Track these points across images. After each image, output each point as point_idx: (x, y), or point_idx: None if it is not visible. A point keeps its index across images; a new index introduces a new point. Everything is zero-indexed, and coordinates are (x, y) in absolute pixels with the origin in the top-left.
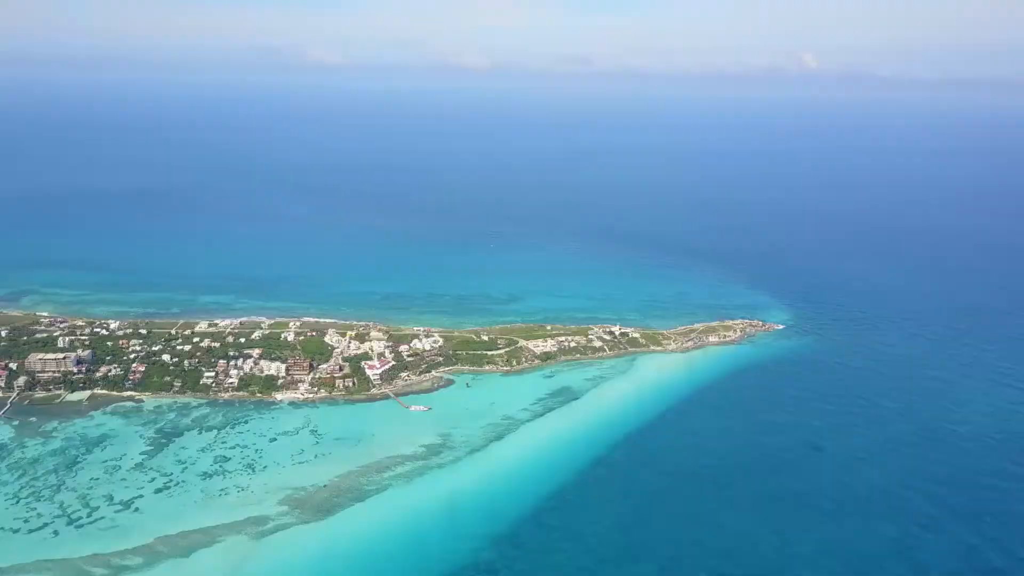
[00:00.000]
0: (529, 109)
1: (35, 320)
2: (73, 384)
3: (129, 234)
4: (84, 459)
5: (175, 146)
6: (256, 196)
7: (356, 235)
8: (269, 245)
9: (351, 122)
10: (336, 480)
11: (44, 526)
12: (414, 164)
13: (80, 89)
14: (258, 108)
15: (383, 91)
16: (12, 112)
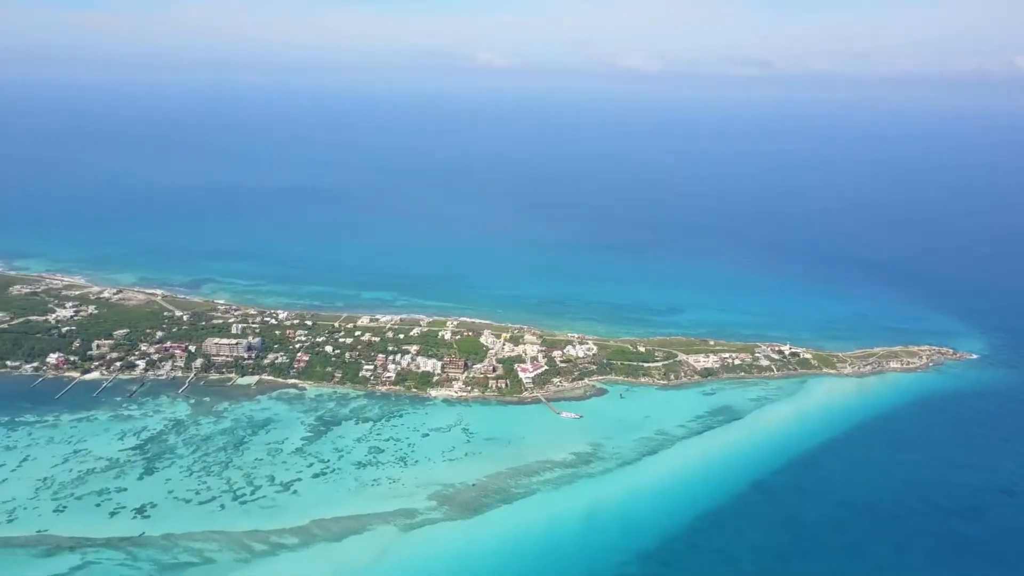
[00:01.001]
0: (702, 115)
1: (213, 307)
2: (243, 369)
3: (300, 230)
4: (250, 440)
5: (341, 147)
6: (418, 197)
7: (514, 238)
8: (429, 245)
9: (514, 125)
10: (484, 480)
11: (212, 499)
12: (575, 168)
13: (258, 92)
14: (422, 111)
15: (548, 94)
16: (195, 112)
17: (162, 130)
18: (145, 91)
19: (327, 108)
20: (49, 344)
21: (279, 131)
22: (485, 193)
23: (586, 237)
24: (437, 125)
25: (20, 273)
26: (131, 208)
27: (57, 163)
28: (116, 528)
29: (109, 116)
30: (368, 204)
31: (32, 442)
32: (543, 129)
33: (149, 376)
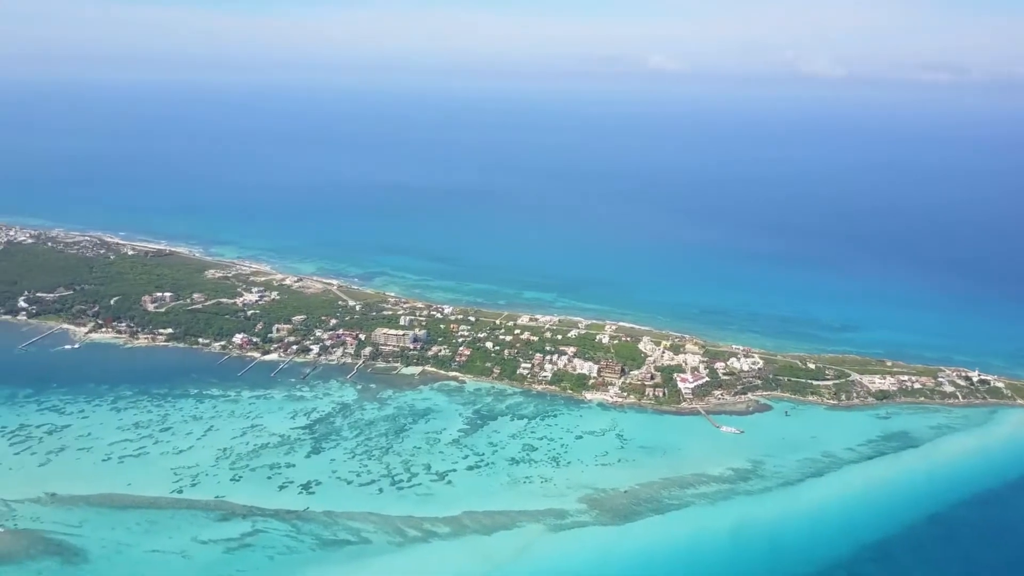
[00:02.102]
0: (892, 122)
1: (383, 299)
2: (408, 359)
3: (466, 229)
4: (410, 428)
5: (503, 149)
6: (580, 199)
7: (678, 245)
8: (590, 248)
9: (682, 130)
10: (637, 487)
11: (372, 482)
12: (745, 175)
13: (424, 95)
14: (587, 115)
15: (721, 98)
16: (366, 114)
17: (338, 131)
18: (323, 94)
19: (489, 111)
20: (236, 325)
21: (443, 133)
22: (649, 198)
23: (755, 246)
24: (602, 129)
25: (215, 259)
26: (313, 203)
27: (249, 159)
28: (283, 501)
29: (292, 116)
30: (530, 205)
31: (216, 414)
32: (712, 134)
33: (321, 360)
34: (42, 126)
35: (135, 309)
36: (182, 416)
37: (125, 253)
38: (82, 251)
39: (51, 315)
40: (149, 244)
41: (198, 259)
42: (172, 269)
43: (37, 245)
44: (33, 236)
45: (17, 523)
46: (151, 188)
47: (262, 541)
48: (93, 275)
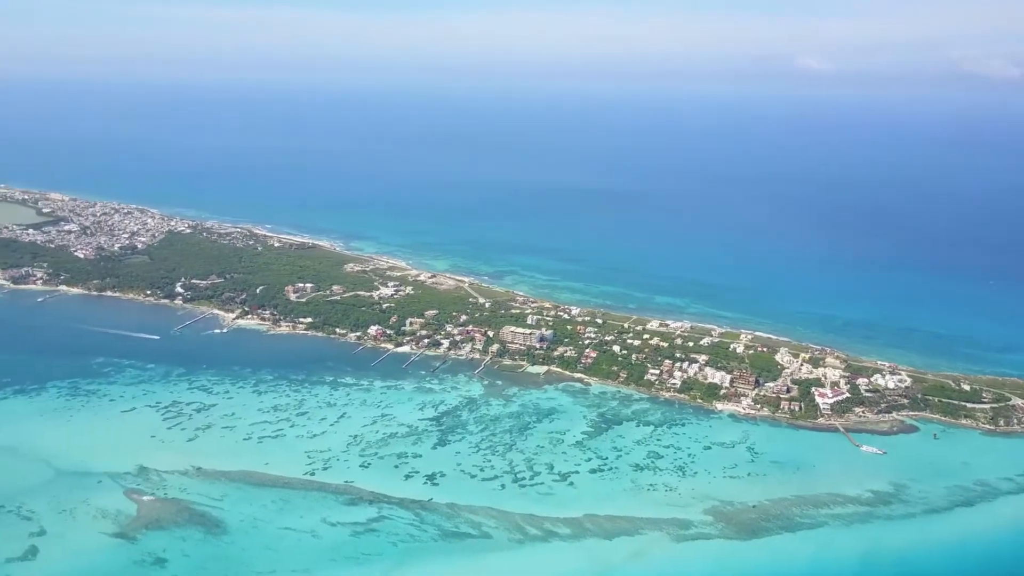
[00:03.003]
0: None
1: (512, 297)
2: (534, 358)
3: (597, 230)
4: (534, 427)
5: (636, 150)
6: (715, 203)
7: (823, 252)
8: (726, 253)
9: (828, 134)
10: (767, 503)
11: (494, 478)
12: (900, 178)
13: (562, 97)
14: (729, 116)
15: (874, 99)
16: (502, 116)
17: (471, 132)
18: (450, 95)
19: (625, 113)
20: (371, 317)
21: (578, 134)
22: (792, 203)
23: (906, 258)
24: (740, 131)
25: (355, 253)
26: (447, 202)
27: (386, 158)
28: (409, 490)
29: (423, 116)
30: (665, 208)
31: (349, 402)
32: (862, 138)
33: (451, 355)
34: (189, 125)
35: (279, 298)
36: (317, 402)
37: (272, 245)
38: (233, 242)
39: (203, 301)
40: (294, 237)
41: (339, 253)
42: (314, 261)
43: (194, 235)
44: (191, 227)
45: (167, 492)
46: (295, 184)
47: (386, 527)
48: (242, 265)
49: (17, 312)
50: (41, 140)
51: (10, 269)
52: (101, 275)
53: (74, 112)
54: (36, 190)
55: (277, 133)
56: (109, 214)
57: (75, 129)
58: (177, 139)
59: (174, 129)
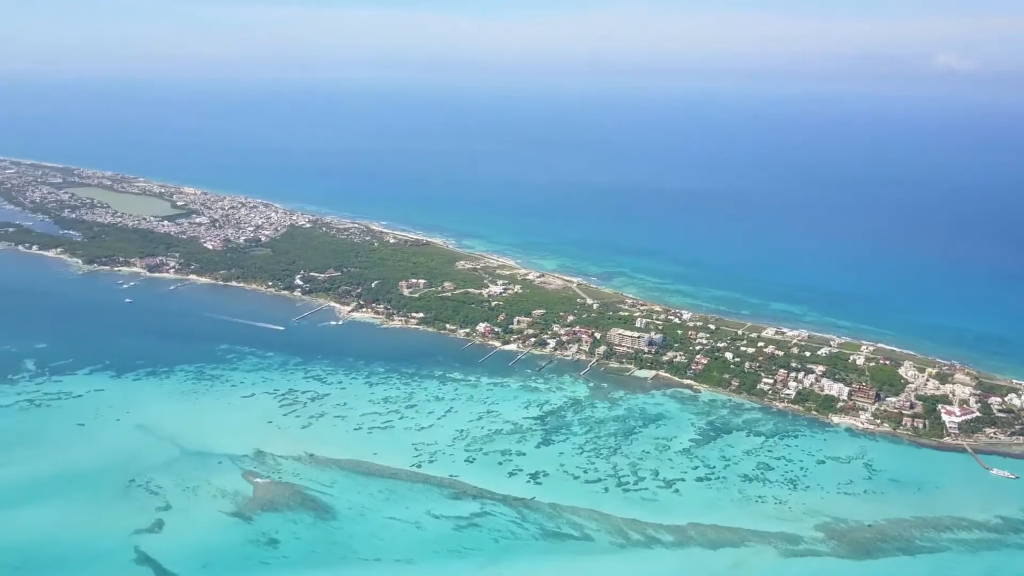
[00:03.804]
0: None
1: (621, 299)
2: (642, 362)
3: (710, 233)
4: (640, 431)
5: (747, 151)
6: (837, 207)
7: (953, 261)
8: (847, 260)
9: (960, 136)
10: (884, 523)
11: (598, 480)
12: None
13: (680, 98)
14: (847, 119)
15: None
16: (622, 117)
17: (572, 132)
18: (556, 95)
19: (739, 114)
20: (480, 315)
21: (690, 135)
22: (919, 208)
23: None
24: (862, 132)
25: (466, 251)
26: (557, 202)
27: (497, 157)
28: (512, 487)
29: (533, 117)
30: (782, 212)
31: (456, 397)
32: (999, 141)
33: (557, 355)
34: (313, 123)
35: (392, 293)
36: (426, 395)
37: (387, 241)
38: (351, 237)
39: (321, 293)
40: (409, 234)
41: (451, 250)
42: (427, 258)
43: (314, 229)
44: (311, 221)
45: (281, 476)
46: (410, 182)
47: (489, 523)
48: (359, 259)
49: (151, 299)
50: (174, 138)
51: (146, 258)
52: (227, 266)
53: (205, 112)
54: (171, 184)
55: (394, 133)
56: (236, 208)
57: (204, 127)
58: (301, 138)
59: (300, 128)
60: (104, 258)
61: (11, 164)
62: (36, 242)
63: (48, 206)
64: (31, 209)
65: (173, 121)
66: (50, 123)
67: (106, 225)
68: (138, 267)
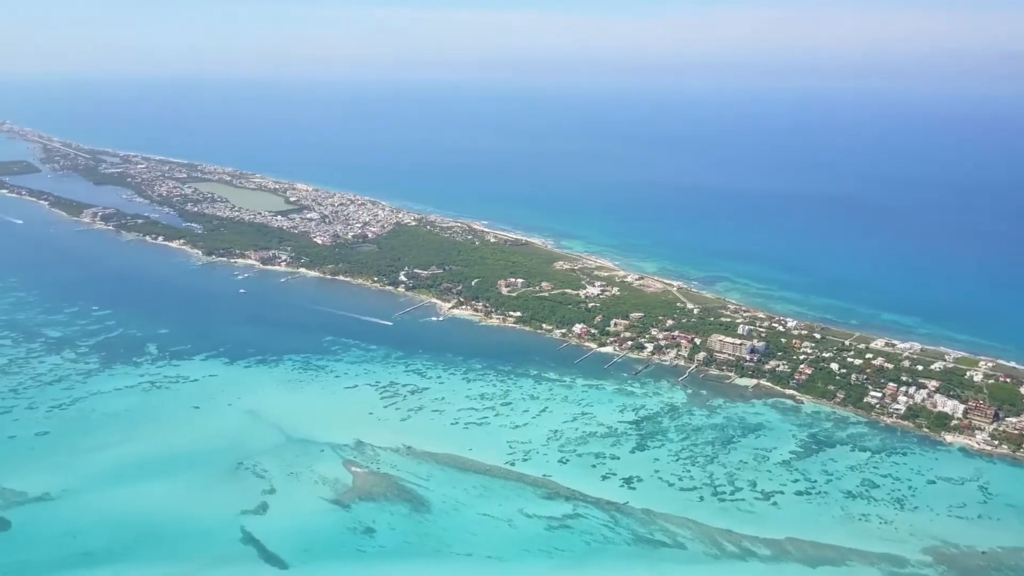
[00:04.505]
0: None
1: (723, 305)
2: (743, 370)
3: (819, 238)
4: (738, 441)
5: (872, 154)
6: (957, 213)
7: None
8: (965, 270)
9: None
10: (1000, 551)
11: (693, 489)
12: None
13: (788, 98)
14: (974, 119)
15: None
16: (746, 118)
17: (674, 132)
18: (664, 96)
19: (847, 113)
20: (577, 315)
21: (797, 136)
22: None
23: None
24: (991, 133)
25: (564, 251)
26: (658, 203)
27: (602, 159)
28: (605, 490)
29: (641, 117)
30: (894, 217)
31: (551, 397)
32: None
33: (654, 359)
34: (426, 123)
35: (491, 291)
36: (521, 394)
37: (488, 240)
38: (453, 235)
39: (423, 289)
40: (509, 233)
41: (549, 250)
42: (526, 258)
43: (419, 227)
44: (416, 219)
45: (379, 467)
46: (512, 182)
47: (581, 525)
48: (460, 257)
49: (264, 290)
50: (289, 136)
51: (260, 251)
52: (335, 260)
53: (319, 113)
54: (285, 180)
55: (494, 132)
56: (345, 204)
57: (316, 127)
58: (412, 137)
59: (410, 128)
60: (222, 250)
61: (142, 160)
62: (162, 233)
63: (173, 200)
64: (158, 202)
65: (293, 119)
66: (184, 121)
67: (224, 219)
68: (252, 259)
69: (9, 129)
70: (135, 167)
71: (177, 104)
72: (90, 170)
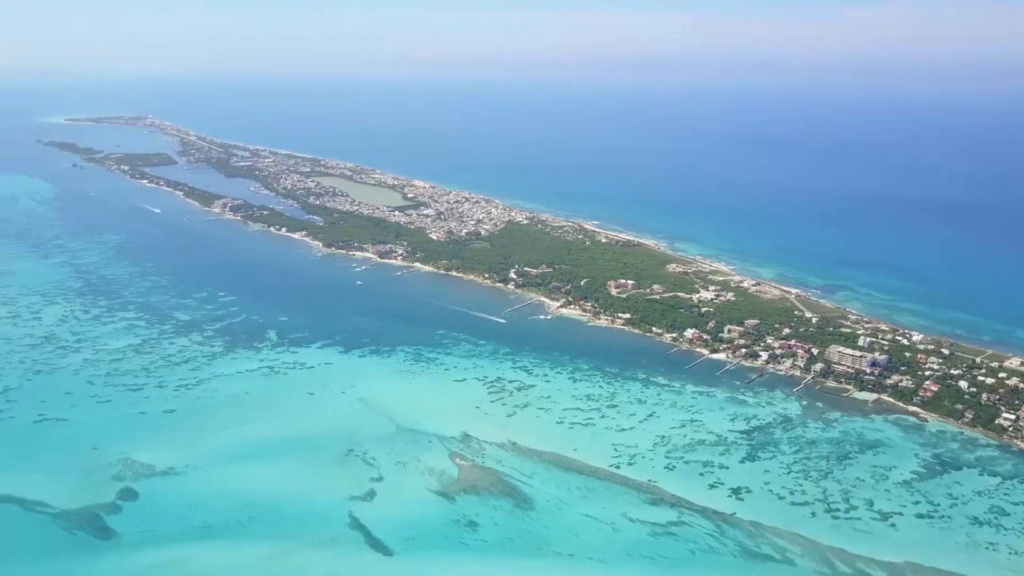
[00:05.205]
0: None
1: (843, 315)
2: (862, 384)
3: (948, 249)
4: (855, 457)
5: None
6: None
7: None
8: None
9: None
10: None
11: (805, 504)
12: None
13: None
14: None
15: None
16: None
17: (789, 133)
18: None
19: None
20: (688, 320)
21: (926, 139)
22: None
23: None
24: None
25: (678, 254)
26: (777, 207)
27: (716, 160)
28: (712, 500)
29: (770, 117)
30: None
31: (659, 402)
32: None
33: (768, 368)
34: (542, 123)
35: (600, 292)
36: (628, 397)
37: (599, 240)
38: (564, 235)
39: (532, 287)
40: (620, 234)
41: (662, 252)
42: (637, 259)
43: (530, 226)
44: (528, 218)
45: (484, 461)
46: (625, 182)
47: (685, 533)
48: (570, 257)
49: (379, 283)
50: (408, 134)
51: (377, 245)
52: (449, 256)
53: (440, 110)
54: (404, 177)
55: (607, 131)
56: (460, 202)
57: (434, 125)
58: (524, 136)
59: (521, 127)
60: (341, 242)
61: (270, 154)
62: (285, 225)
63: (297, 192)
64: (282, 195)
65: (415, 119)
66: (311, 118)
67: (344, 212)
68: (370, 252)
69: (151, 123)
70: (263, 161)
71: (302, 102)
72: (222, 163)
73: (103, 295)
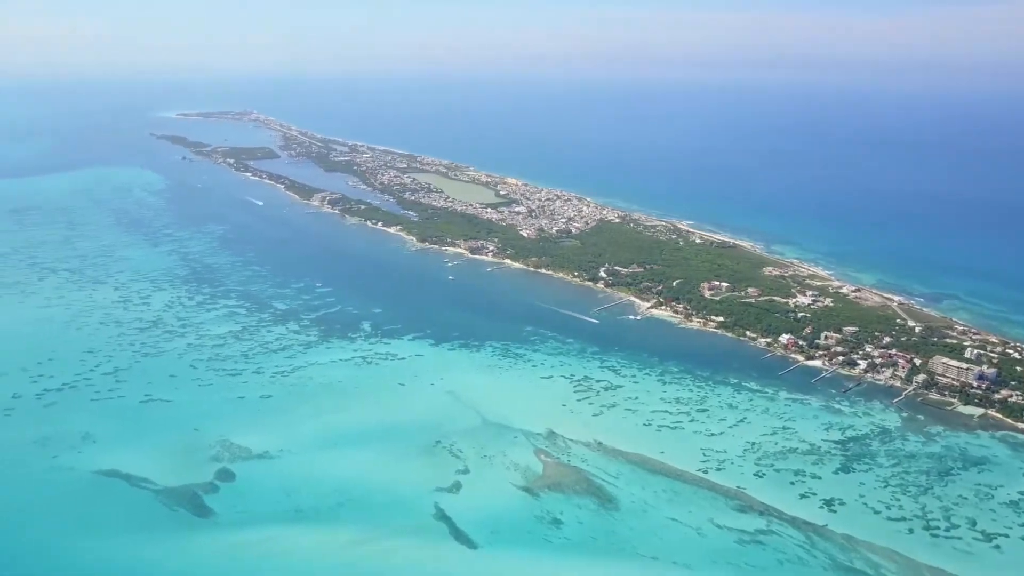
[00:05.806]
0: None
1: (949, 325)
2: (968, 397)
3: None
4: (958, 474)
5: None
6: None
7: None
8: None
9: None
10: None
11: (902, 519)
12: None
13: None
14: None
15: None
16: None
17: (918, 135)
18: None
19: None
20: (784, 325)
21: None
22: None
23: None
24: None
25: (774, 257)
26: (882, 211)
27: (814, 159)
28: (802, 510)
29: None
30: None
31: (750, 408)
32: None
33: (867, 378)
34: (635, 121)
35: (692, 293)
36: (719, 401)
37: (693, 241)
38: (656, 234)
39: (622, 287)
40: (715, 235)
41: (758, 255)
42: (732, 261)
43: (622, 225)
44: (620, 217)
45: (569, 459)
46: (721, 181)
47: (774, 543)
48: (662, 257)
49: (470, 278)
50: (501, 132)
51: (469, 241)
52: (539, 254)
53: (530, 108)
54: (497, 174)
55: (704, 131)
56: (552, 200)
57: (528, 124)
58: (620, 134)
59: (620, 124)
60: (434, 238)
61: (368, 149)
62: (381, 219)
63: (393, 188)
64: (379, 190)
65: (505, 116)
66: (413, 116)
67: (438, 208)
68: (462, 248)
69: (256, 118)
70: (361, 156)
71: (406, 98)
72: (321, 157)
73: (207, 283)
